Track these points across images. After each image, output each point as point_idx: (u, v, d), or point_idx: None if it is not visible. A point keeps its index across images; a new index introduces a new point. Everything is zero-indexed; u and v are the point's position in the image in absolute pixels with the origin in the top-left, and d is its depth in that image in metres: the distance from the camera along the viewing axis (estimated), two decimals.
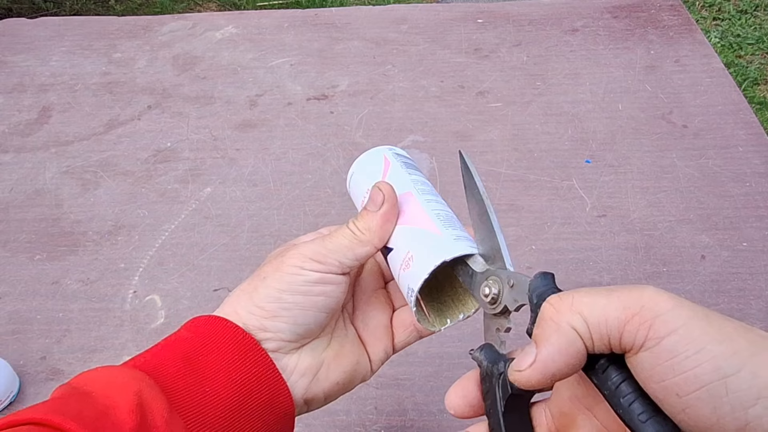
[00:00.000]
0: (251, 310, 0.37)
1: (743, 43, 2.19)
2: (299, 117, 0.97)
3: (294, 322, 0.37)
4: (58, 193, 0.89)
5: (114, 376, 0.33)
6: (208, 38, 1.14)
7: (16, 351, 0.71)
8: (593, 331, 0.26)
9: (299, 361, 0.38)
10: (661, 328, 0.25)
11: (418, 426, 0.63)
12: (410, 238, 0.38)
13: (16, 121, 1.00)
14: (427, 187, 0.41)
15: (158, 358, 0.35)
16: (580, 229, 0.80)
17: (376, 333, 0.42)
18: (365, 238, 0.38)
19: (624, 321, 0.26)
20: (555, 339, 0.27)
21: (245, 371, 0.36)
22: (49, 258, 0.81)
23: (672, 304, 0.25)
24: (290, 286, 0.37)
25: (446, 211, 0.39)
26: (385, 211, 0.38)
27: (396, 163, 0.42)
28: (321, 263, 0.37)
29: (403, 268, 0.38)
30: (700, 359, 0.24)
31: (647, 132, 0.91)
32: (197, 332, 0.37)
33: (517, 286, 0.33)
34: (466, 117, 0.96)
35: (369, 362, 0.42)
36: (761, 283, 0.73)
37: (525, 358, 0.28)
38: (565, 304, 0.28)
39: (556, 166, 0.87)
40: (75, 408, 0.31)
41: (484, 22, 1.13)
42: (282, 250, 0.40)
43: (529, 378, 0.28)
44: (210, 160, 0.92)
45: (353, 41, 1.11)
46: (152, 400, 0.32)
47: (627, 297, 0.26)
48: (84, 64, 1.10)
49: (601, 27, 1.10)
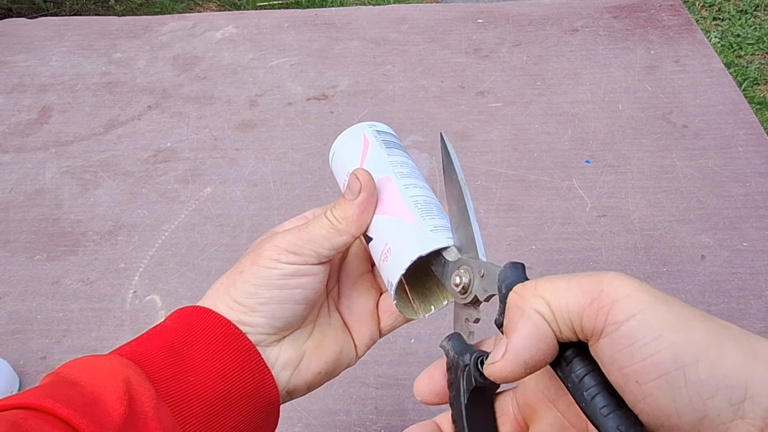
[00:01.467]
0: (229, 305, 0.37)
1: (743, 43, 2.19)
2: (299, 117, 0.97)
3: (272, 316, 0.37)
4: (58, 193, 0.89)
5: (101, 365, 0.34)
6: (208, 38, 1.14)
7: (16, 351, 0.71)
8: (557, 315, 0.26)
9: (280, 354, 0.38)
10: (619, 313, 0.24)
11: None
12: (388, 228, 0.37)
13: (16, 121, 1.00)
14: (406, 168, 0.40)
15: (144, 347, 0.35)
16: (580, 229, 0.80)
17: (361, 319, 0.42)
18: (342, 227, 0.38)
19: (584, 306, 0.25)
20: (522, 325, 0.27)
21: (230, 361, 0.36)
22: (49, 258, 0.81)
23: (631, 288, 0.25)
24: (266, 281, 0.37)
25: (425, 196, 0.39)
26: (362, 200, 0.38)
27: (375, 142, 0.41)
28: (297, 254, 0.37)
29: (382, 259, 0.38)
30: (658, 346, 0.23)
31: (647, 132, 0.91)
32: (182, 323, 0.37)
33: (487, 276, 0.33)
34: (466, 117, 0.96)
35: (354, 348, 0.42)
36: (761, 283, 0.73)
37: (497, 350, 0.27)
38: (528, 290, 0.27)
39: (556, 166, 0.87)
40: (65, 393, 0.31)
41: (484, 22, 1.13)
42: (261, 240, 0.39)
43: (503, 369, 0.27)
44: (210, 160, 0.92)
45: (353, 41, 1.11)
46: (140, 387, 0.33)
47: (587, 282, 0.26)
48: (84, 64, 1.10)
49: (601, 27, 1.10)
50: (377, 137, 0.42)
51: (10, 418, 0.29)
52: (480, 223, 0.81)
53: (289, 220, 0.42)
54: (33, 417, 0.30)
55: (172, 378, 0.34)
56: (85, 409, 0.30)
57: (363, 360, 0.69)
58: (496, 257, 0.77)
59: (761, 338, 0.23)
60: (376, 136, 0.42)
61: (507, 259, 0.76)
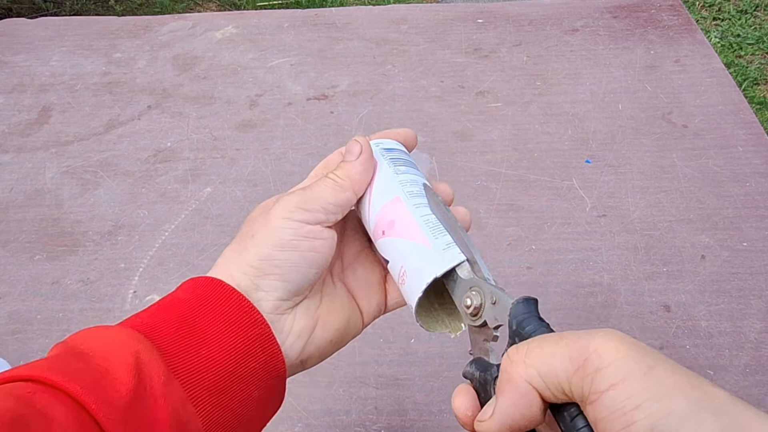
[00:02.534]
0: (243, 270, 0.37)
1: (743, 43, 2.19)
2: (299, 117, 0.97)
3: (287, 279, 0.37)
4: (58, 193, 0.89)
5: (111, 337, 0.33)
6: (208, 38, 1.14)
7: (16, 351, 0.71)
8: (548, 382, 0.27)
9: (294, 323, 0.39)
10: (601, 382, 0.25)
11: (418, 426, 0.63)
12: (402, 251, 0.38)
13: (16, 121, 1.00)
14: (416, 187, 0.40)
15: (155, 318, 0.35)
16: (580, 229, 0.80)
17: (369, 288, 0.43)
18: (345, 184, 0.39)
19: (571, 372, 0.26)
20: (509, 392, 0.28)
21: (241, 334, 0.36)
22: (49, 258, 0.81)
23: (616, 355, 0.25)
24: (280, 241, 0.37)
25: (437, 215, 0.39)
26: (364, 159, 0.40)
27: (384, 161, 0.41)
28: (307, 210, 0.38)
29: (400, 282, 0.38)
30: (636, 416, 0.24)
31: (647, 132, 0.91)
32: (194, 293, 0.37)
33: (498, 305, 0.33)
34: (466, 117, 0.96)
35: (360, 316, 0.43)
36: (761, 283, 0.73)
37: (487, 410, 0.29)
38: (519, 355, 0.28)
39: (556, 166, 0.87)
40: (73, 367, 0.31)
41: (484, 22, 1.13)
42: (265, 205, 0.40)
43: (489, 429, 0.28)
44: (210, 160, 0.92)
45: (353, 41, 1.11)
46: (150, 361, 0.32)
47: (574, 347, 0.26)
48: (84, 64, 1.10)
49: (601, 27, 1.10)
50: (385, 156, 0.42)
51: (16, 391, 0.29)
52: (480, 223, 0.81)
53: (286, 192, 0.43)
54: (40, 392, 0.29)
55: (184, 351, 0.34)
56: (94, 384, 0.30)
57: (363, 360, 0.69)
58: (496, 257, 0.77)
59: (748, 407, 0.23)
60: (383, 155, 0.42)
61: (507, 259, 0.76)
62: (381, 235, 0.39)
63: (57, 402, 0.29)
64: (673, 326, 0.69)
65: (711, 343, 0.68)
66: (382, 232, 0.39)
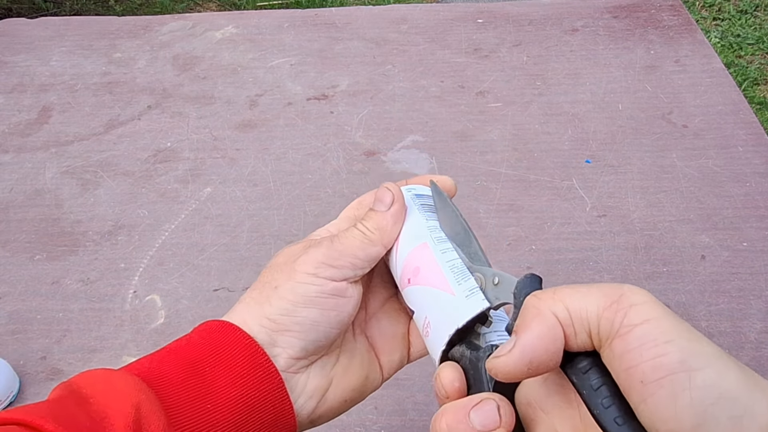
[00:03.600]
0: (262, 323, 0.36)
1: (743, 43, 2.19)
2: (299, 117, 0.97)
3: (305, 338, 0.36)
4: (58, 193, 0.89)
5: (114, 383, 0.32)
6: (208, 38, 1.14)
7: (16, 351, 0.71)
8: (575, 318, 0.26)
9: (308, 382, 0.37)
10: (635, 316, 0.25)
11: (418, 426, 0.63)
12: (426, 301, 0.37)
13: (16, 121, 1.00)
14: (443, 233, 0.39)
15: (164, 364, 0.34)
16: (580, 229, 0.80)
17: (393, 342, 0.41)
18: (376, 237, 0.37)
19: (603, 308, 0.26)
20: (535, 324, 0.27)
21: (253, 387, 0.34)
22: (49, 258, 0.81)
23: (648, 298, 0.26)
24: (304, 298, 0.36)
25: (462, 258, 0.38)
26: (395, 210, 0.38)
27: (413, 207, 0.41)
28: (334, 267, 0.36)
29: (424, 335, 0.37)
30: (668, 348, 0.24)
31: (647, 132, 0.91)
32: (208, 339, 0.36)
33: (502, 284, 0.33)
34: (466, 117, 0.96)
35: (380, 372, 0.41)
36: (761, 283, 0.73)
37: (505, 345, 0.28)
38: (547, 294, 0.28)
39: (556, 166, 0.87)
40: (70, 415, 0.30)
41: (484, 22, 1.13)
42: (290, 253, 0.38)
43: (506, 364, 0.27)
44: (210, 160, 0.92)
45: (353, 41, 1.11)
46: (150, 414, 0.31)
47: (607, 287, 0.27)
48: (84, 64, 1.10)
49: (601, 27, 1.10)
50: (415, 201, 0.41)
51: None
52: (480, 223, 0.81)
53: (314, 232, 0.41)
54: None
55: (189, 402, 0.33)
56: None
57: None
58: (496, 257, 0.77)
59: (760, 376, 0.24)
60: (413, 200, 0.41)
61: (507, 259, 0.76)
62: (407, 283, 0.38)
63: None
64: None
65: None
66: (408, 280, 0.38)
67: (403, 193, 0.39)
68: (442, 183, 0.42)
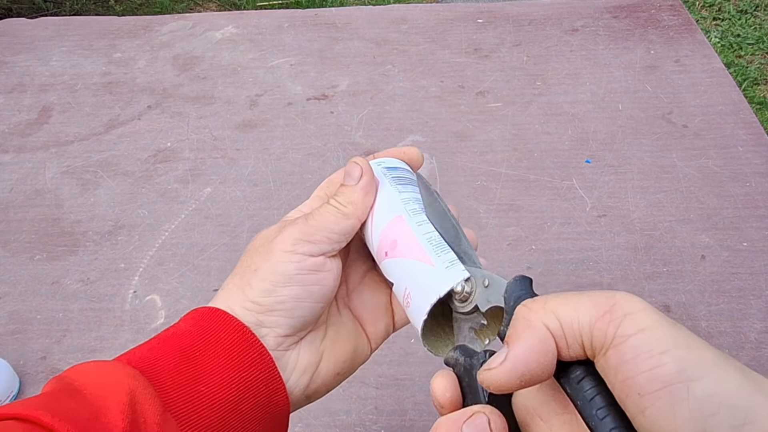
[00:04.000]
0: (246, 306, 0.36)
1: (743, 43, 2.19)
2: (299, 117, 0.97)
3: (291, 315, 0.36)
4: (58, 193, 0.89)
5: (107, 373, 0.33)
6: (208, 38, 1.14)
7: (16, 351, 0.71)
8: (566, 329, 0.26)
9: (299, 358, 0.38)
10: (629, 326, 0.25)
11: (418, 426, 0.63)
12: (406, 272, 0.37)
13: (16, 121, 1.00)
14: (417, 205, 0.40)
15: (155, 353, 0.35)
16: (580, 229, 0.80)
17: (376, 312, 0.42)
18: (348, 210, 0.38)
19: (596, 318, 0.25)
20: (527, 336, 0.26)
21: (244, 369, 0.35)
22: (49, 258, 0.81)
23: (642, 306, 0.25)
24: (284, 277, 0.36)
25: (440, 230, 0.38)
26: (365, 183, 0.39)
27: (385, 180, 0.41)
28: (310, 242, 0.37)
29: (405, 306, 0.38)
30: (664, 359, 0.23)
31: (647, 132, 0.91)
32: (197, 326, 0.36)
33: (492, 287, 0.33)
34: (466, 117, 0.96)
35: (368, 343, 0.42)
36: (761, 283, 0.73)
37: (497, 357, 0.27)
38: (538, 304, 0.27)
39: (556, 166, 0.87)
40: (65, 406, 0.30)
41: (484, 22, 1.13)
42: (266, 236, 0.39)
43: (498, 377, 0.27)
44: (210, 160, 0.92)
45: (353, 41, 1.11)
46: (145, 400, 0.32)
47: (599, 297, 0.26)
48: (84, 64, 1.10)
49: (601, 27, 1.10)
50: (386, 175, 0.41)
51: (4, 430, 0.29)
52: (480, 223, 0.81)
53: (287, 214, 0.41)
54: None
55: (182, 387, 0.33)
56: (86, 425, 0.30)
57: None
58: (496, 257, 0.77)
59: (763, 377, 0.24)
60: (385, 173, 0.41)
61: (507, 259, 0.76)
62: (384, 256, 0.39)
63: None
64: None
65: (711, 343, 0.67)
66: (385, 253, 0.38)
67: (372, 167, 0.40)
68: (409, 155, 0.43)
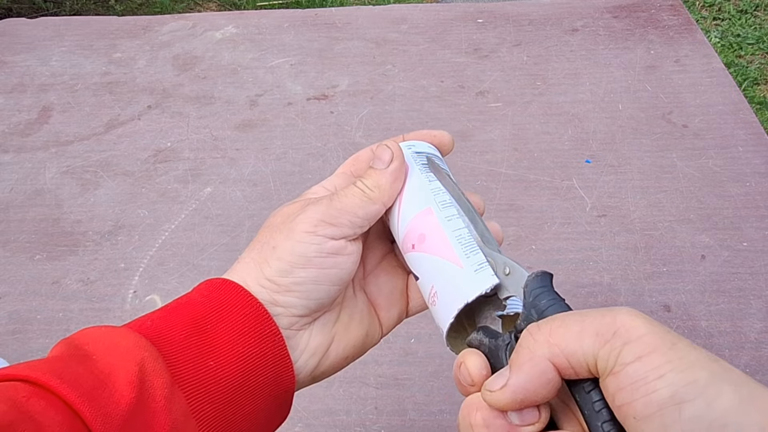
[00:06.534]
0: (262, 283, 0.36)
1: (743, 43, 2.19)
2: (299, 117, 0.97)
3: (307, 297, 0.36)
4: (58, 193, 0.89)
5: (118, 341, 0.32)
6: (208, 38, 1.14)
7: (16, 351, 0.71)
8: (572, 361, 0.27)
9: (310, 339, 0.37)
10: (628, 355, 0.26)
11: (419, 426, 0.63)
12: (434, 270, 0.36)
13: (16, 121, 1.00)
14: (448, 197, 0.38)
15: (165, 322, 0.34)
16: (580, 229, 0.80)
17: (391, 298, 0.41)
18: (375, 195, 0.37)
19: (597, 348, 0.27)
20: (528, 368, 0.28)
21: (254, 346, 0.34)
22: (49, 258, 0.81)
23: (643, 330, 0.26)
24: (303, 258, 0.35)
25: (468, 228, 0.37)
26: (395, 168, 0.37)
27: (415, 167, 0.39)
28: (333, 225, 0.36)
29: (430, 303, 0.37)
30: (658, 385, 0.25)
31: (647, 132, 0.91)
32: (210, 297, 0.36)
33: (512, 276, 0.33)
34: (466, 117, 0.96)
35: (379, 327, 0.41)
36: (761, 283, 0.73)
37: (497, 380, 0.29)
38: (543, 335, 0.28)
39: (556, 166, 0.87)
40: (73, 371, 0.30)
41: (484, 22, 1.13)
42: (288, 213, 0.38)
43: (498, 400, 0.28)
44: (210, 160, 0.92)
45: (353, 41, 1.11)
46: (154, 372, 0.31)
47: (600, 323, 0.27)
48: (84, 64, 1.10)
49: (601, 27, 1.10)
50: (416, 160, 0.39)
51: (11, 393, 0.28)
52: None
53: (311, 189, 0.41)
54: (36, 397, 0.28)
55: (192, 360, 0.33)
56: (92, 393, 0.29)
57: (363, 360, 0.69)
58: None
59: (761, 385, 0.25)
60: (415, 158, 0.39)
61: None
62: (411, 248, 0.38)
63: (52, 409, 0.28)
64: (673, 326, 0.69)
65: (711, 343, 0.68)
66: (412, 245, 0.37)
67: (402, 151, 0.38)
68: (439, 139, 0.41)
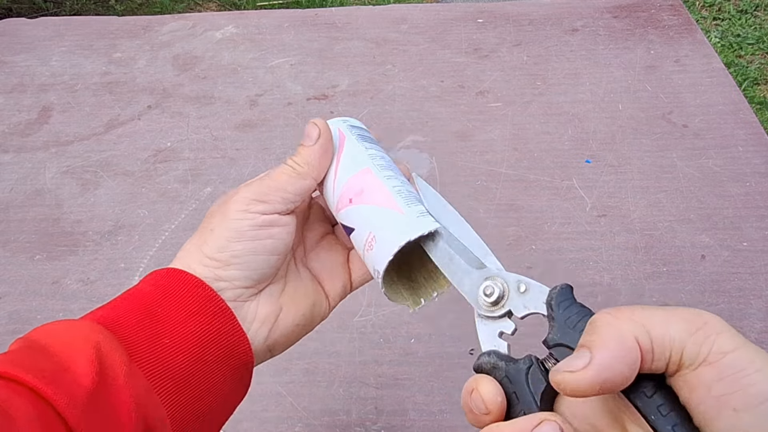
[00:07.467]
0: (203, 262, 0.37)
1: (743, 43, 2.19)
2: (299, 117, 0.97)
3: (247, 268, 0.37)
4: (58, 193, 0.89)
5: (72, 329, 0.33)
6: (208, 38, 1.14)
7: None
8: (656, 344, 0.26)
9: (258, 309, 0.39)
10: (725, 344, 0.25)
11: (419, 426, 0.63)
12: (372, 217, 0.37)
13: (16, 121, 1.00)
14: (384, 161, 0.40)
15: (117, 311, 0.35)
16: (580, 229, 0.80)
17: (333, 271, 0.43)
18: (304, 170, 0.39)
19: (689, 334, 0.26)
20: (614, 345, 0.26)
21: (205, 322, 0.36)
22: (49, 258, 0.81)
23: (727, 326, 0.26)
24: (238, 233, 0.37)
25: (407, 187, 0.39)
26: (322, 143, 0.39)
27: (351, 136, 0.41)
28: (265, 202, 0.38)
29: (367, 248, 0.37)
30: (759, 378, 0.25)
31: (647, 132, 0.91)
32: (157, 285, 0.37)
33: (530, 293, 0.32)
34: (466, 117, 0.96)
35: (326, 299, 0.43)
36: (761, 283, 0.73)
37: (577, 361, 0.26)
38: (624, 314, 0.27)
39: (556, 166, 0.87)
40: (32, 360, 0.31)
41: (484, 22, 1.13)
42: (225, 198, 0.40)
43: (580, 381, 0.26)
44: (210, 160, 0.92)
45: (353, 41, 1.11)
46: (111, 352, 0.32)
47: (686, 313, 0.27)
48: (84, 64, 1.10)
49: (601, 27, 1.10)
50: (352, 131, 0.42)
51: None
52: (480, 223, 0.81)
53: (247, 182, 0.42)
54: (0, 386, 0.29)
55: (147, 341, 0.34)
56: (54, 377, 0.30)
57: (363, 360, 0.69)
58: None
59: None
60: (350, 130, 0.42)
61: (507, 259, 0.76)
62: (348, 203, 0.38)
63: (17, 396, 0.29)
64: None
65: None
66: (349, 200, 0.38)
67: (329, 127, 0.40)
68: None
